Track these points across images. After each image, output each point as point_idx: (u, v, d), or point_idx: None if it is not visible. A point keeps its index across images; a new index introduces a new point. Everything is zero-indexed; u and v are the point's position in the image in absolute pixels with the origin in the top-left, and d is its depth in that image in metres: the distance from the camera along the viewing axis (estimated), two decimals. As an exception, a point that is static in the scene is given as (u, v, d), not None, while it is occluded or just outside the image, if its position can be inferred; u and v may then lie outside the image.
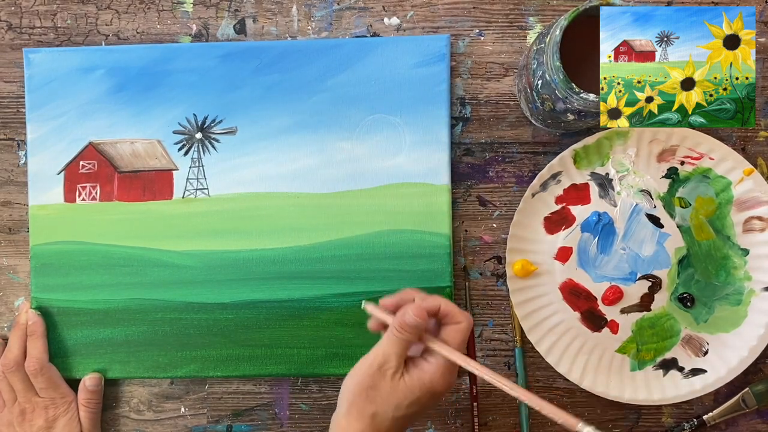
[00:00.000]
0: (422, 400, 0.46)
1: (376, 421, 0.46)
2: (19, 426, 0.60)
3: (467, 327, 0.48)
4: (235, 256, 0.61)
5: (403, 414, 0.46)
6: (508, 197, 0.62)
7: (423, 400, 0.46)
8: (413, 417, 0.47)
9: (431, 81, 0.60)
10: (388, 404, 0.46)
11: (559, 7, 0.61)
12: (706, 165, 0.59)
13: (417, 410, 0.46)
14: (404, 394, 0.46)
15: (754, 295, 0.59)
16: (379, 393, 0.46)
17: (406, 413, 0.46)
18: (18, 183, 0.63)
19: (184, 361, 0.61)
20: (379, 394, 0.46)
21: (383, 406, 0.46)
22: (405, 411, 0.46)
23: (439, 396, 0.47)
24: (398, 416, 0.46)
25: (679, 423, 0.61)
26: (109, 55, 0.62)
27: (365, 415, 0.46)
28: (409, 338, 0.47)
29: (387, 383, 0.46)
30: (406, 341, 0.47)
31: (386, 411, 0.46)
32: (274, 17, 0.62)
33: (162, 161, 0.62)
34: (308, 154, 0.61)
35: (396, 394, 0.46)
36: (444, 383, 0.47)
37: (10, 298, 0.64)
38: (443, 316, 0.49)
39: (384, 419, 0.46)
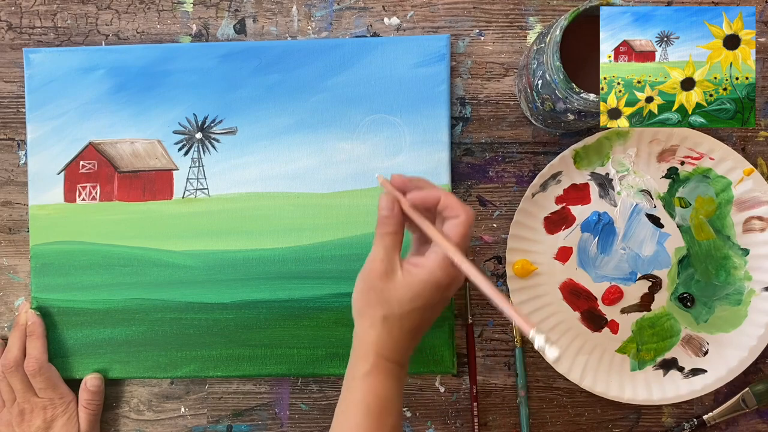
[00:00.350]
0: (425, 294, 0.45)
1: (387, 322, 0.46)
2: (17, 426, 0.60)
3: (466, 220, 0.46)
4: (235, 256, 0.61)
5: (409, 309, 0.45)
6: (508, 197, 0.62)
7: (426, 294, 0.45)
8: (423, 314, 0.46)
9: (431, 81, 0.60)
10: (392, 302, 0.46)
11: (559, 7, 0.61)
12: (706, 165, 0.59)
13: (423, 305, 0.46)
14: (405, 290, 0.45)
15: (754, 295, 0.59)
16: (381, 294, 0.46)
17: (412, 308, 0.45)
18: (18, 183, 0.63)
19: (184, 361, 0.61)
20: (381, 295, 0.46)
21: (387, 305, 0.46)
22: (410, 306, 0.45)
23: (444, 289, 0.46)
24: (404, 312, 0.45)
25: (679, 423, 0.61)
26: (109, 55, 0.62)
27: (375, 319, 0.46)
28: (388, 231, 0.47)
29: (385, 283, 0.46)
30: (388, 236, 0.47)
31: (392, 310, 0.46)
32: (274, 17, 0.62)
33: (162, 161, 0.62)
34: (308, 154, 0.61)
35: (397, 291, 0.46)
36: (445, 275, 0.45)
37: (10, 298, 0.64)
38: (443, 209, 0.47)
39: (393, 319, 0.46)
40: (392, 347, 0.47)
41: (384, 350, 0.47)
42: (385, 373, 0.46)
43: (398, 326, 0.46)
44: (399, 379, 0.47)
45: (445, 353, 0.61)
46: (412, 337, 0.47)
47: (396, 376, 0.47)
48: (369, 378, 0.46)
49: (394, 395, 0.46)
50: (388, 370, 0.46)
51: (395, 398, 0.47)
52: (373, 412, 0.45)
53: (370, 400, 0.46)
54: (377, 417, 0.45)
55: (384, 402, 0.46)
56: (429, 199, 0.47)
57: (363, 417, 0.45)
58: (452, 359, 0.61)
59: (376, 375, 0.46)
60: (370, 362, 0.46)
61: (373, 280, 0.47)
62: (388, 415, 0.46)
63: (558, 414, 0.61)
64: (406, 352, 0.48)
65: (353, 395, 0.46)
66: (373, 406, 0.46)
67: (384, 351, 0.47)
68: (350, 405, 0.46)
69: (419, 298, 0.46)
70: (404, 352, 0.48)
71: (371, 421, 0.45)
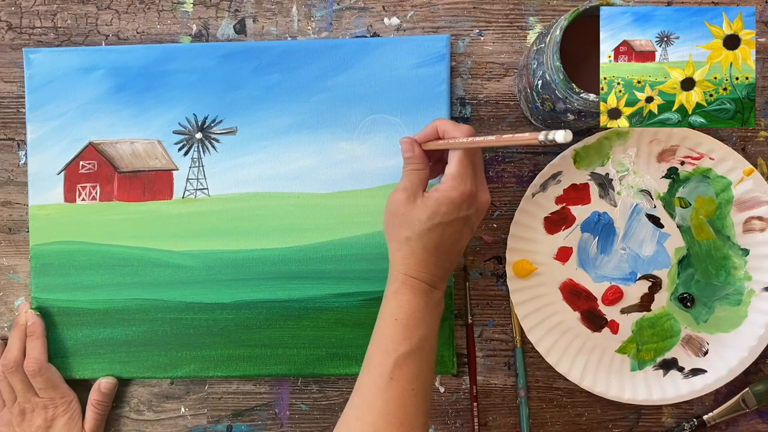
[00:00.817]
0: (441, 210, 0.50)
1: (410, 243, 0.51)
2: (18, 426, 0.60)
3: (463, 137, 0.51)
4: (235, 256, 0.61)
5: (428, 227, 0.50)
6: (508, 197, 0.62)
7: (441, 210, 0.50)
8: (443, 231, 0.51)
9: (431, 81, 0.60)
10: (413, 223, 0.51)
11: (559, 7, 0.61)
12: (706, 165, 0.59)
13: (439, 221, 0.50)
14: (422, 210, 0.50)
15: (754, 295, 0.59)
16: (404, 217, 0.51)
17: (430, 226, 0.50)
18: (18, 183, 0.63)
19: (184, 361, 0.61)
20: (404, 218, 0.51)
21: (409, 226, 0.51)
22: (428, 224, 0.50)
23: (458, 205, 0.50)
24: (424, 231, 0.50)
25: (679, 423, 0.61)
26: (109, 55, 0.62)
27: (401, 241, 0.52)
28: (413, 168, 0.53)
29: (406, 207, 0.51)
30: (412, 171, 0.53)
31: (413, 230, 0.51)
32: (274, 17, 0.62)
33: (162, 161, 0.62)
34: (308, 154, 0.61)
35: (417, 212, 0.51)
36: (456, 191, 0.50)
37: (10, 298, 0.64)
38: (442, 134, 0.52)
39: (415, 238, 0.51)
40: (416, 266, 0.51)
41: (409, 269, 0.51)
42: (412, 289, 0.51)
43: (420, 245, 0.51)
44: (427, 294, 0.51)
45: (445, 353, 0.61)
46: (436, 256, 0.51)
47: (423, 292, 0.51)
48: (397, 295, 0.51)
49: (421, 309, 0.51)
50: (414, 286, 0.51)
51: (423, 312, 0.51)
52: (401, 324, 0.50)
53: (399, 314, 0.51)
54: (405, 328, 0.50)
55: (411, 315, 0.51)
56: (429, 132, 0.53)
57: (393, 328, 0.51)
58: (452, 359, 0.61)
59: (404, 292, 0.51)
60: (399, 280, 0.51)
61: (397, 206, 0.52)
62: (416, 327, 0.50)
63: (558, 414, 0.61)
64: (433, 272, 0.52)
65: (385, 310, 0.52)
66: (402, 319, 0.51)
67: (409, 270, 0.51)
68: (382, 318, 0.52)
69: (436, 215, 0.50)
70: (430, 271, 0.51)
71: (399, 332, 0.50)
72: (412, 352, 0.50)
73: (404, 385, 0.49)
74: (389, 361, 0.50)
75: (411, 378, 0.50)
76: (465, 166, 0.51)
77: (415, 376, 0.50)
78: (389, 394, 0.49)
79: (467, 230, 0.53)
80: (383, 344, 0.51)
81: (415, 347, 0.50)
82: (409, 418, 0.49)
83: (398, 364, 0.49)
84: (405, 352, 0.50)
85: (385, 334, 0.51)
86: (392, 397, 0.49)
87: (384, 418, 0.48)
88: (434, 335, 0.52)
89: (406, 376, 0.50)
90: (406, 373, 0.50)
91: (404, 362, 0.50)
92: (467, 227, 0.52)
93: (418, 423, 0.49)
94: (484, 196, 0.53)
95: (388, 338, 0.51)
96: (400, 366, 0.50)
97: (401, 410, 0.49)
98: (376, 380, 0.50)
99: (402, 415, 0.49)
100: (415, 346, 0.50)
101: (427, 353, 0.51)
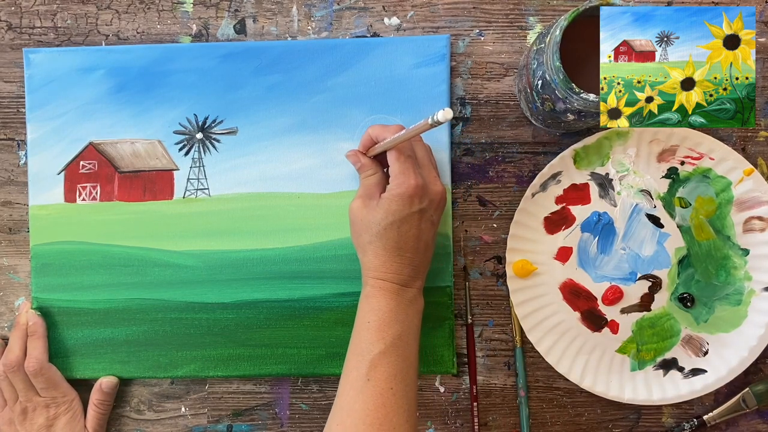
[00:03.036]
0: (393, 208, 0.52)
1: (371, 246, 0.53)
2: (20, 425, 0.60)
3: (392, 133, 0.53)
4: (235, 256, 0.61)
5: (384, 227, 0.52)
6: (508, 197, 0.62)
7: (394, 208, 0.52)
8: (399, 228, 0.52)
9: (431, 81, 0.60)
10: (369, 225, 0.53)
11: (559, 7, 0.61)
12: (706, 165, 0.59)
13: (394, 219, 0.52)
14: (376, 212, 0.52)
15: (754, 295, 0.59)
16: (362, 221, 0.53)
17: (386, 224, 0.52)
18: (18, 183, 0.63)
19: (185, 360, 0.61)
20: (362, 222, 0.53)
21: (367, 229, 0.53)
22: (384, 223, 0.52)
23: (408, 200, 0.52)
24: (381, 231, 0.52)
25: (679, 423, 0.61)
26: (109, 55, 0.62)
27: (363, 245, 0.53)
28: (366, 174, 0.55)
29: (363, 211, 0.53)
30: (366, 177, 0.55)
31: (370, 232, 0.52)
32: (274, 17, 0.62)
33: (162, 161, 0.62)
34: (309, 155, 0.61)
35: (371, 214, 0.53)
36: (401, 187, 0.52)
37: (11, 298, 0.64)
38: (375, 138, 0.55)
39: (375, 241, 0.52)
40: (381, 267, 0.52)
41: (375, 272, 0.53)
42: (381, 291, 0.52)
43: (381, 246, 0.52)
44: (398, 294, 0.52)
45: (445, 353, 0.61)
46: (399, 255, 0.52)
47: (393, 292, 0.52)
48: (368, 299, 0.53)
49: (393, 309, 0.52)
50: (383, 288, 0.52)
51: (395, 311, 0.52)
52: (374, 325, 0.51)
53: (371, 317, 0.52)
54: (377, 329, 0.51)
55: (383, 316, 0.52)
56: (365, 140, 0.56)
57: (366, 332, 0.52)
58: (452, 359, 0.61)
59: (374, 294, 0.52)
60: (369, 285, 0.53)
61: (355, 214, 0.54)
62: (388, 327, 0.51)
63: (558, 414, 0.61)
64: (400, 270, 0.53)
65: (358, 315, 0.53)
66: (374, 321, 0.52)
67: (375, 273, 0.53)
68: (356, 324, 0.53)
69: (388, 214, 0.52)
70: (396, 270, 0.53)
71: (372, 333, 0.51)
72: (386, 351, 0.50)
73: (382, 384, 0.50)
74: (364, 363, 0.50)
75: (388, 377, 0.50)
76: (402, 162, 0.52)
77: (392, 375, 0.50)
78: (367, 395, 0.49)
79: (426, 224, 0.53)
80: (358, 348, 0.51)
81: (389, 346, 0.51)
82: (390, 417, 0.49)
83: (373, 365, 0.50)
84: (379, 352, 0.50)
85: (360, 338, 0.52)
86: (370, 397, 0.49)
87: (363, 420, 0.49)
88: (411, 333, 0.53)
89: (383, 376, 0.50)
90: (382, 373, 0.50)
91: (379, 362, 0.50)
92: (425, 221, 0.53)
93: (399, 422, 0.49)
94: (436, 187, 0.53)
95: (362, 341, 0.51)
96: (375, 367, 0.50)
97: (380, 410, 0.49)
98: (354, 383, 0.50)
99: (382, 415, 0.49)
100: (389, 344, 0.51)
101: (404, 351, 0.51)
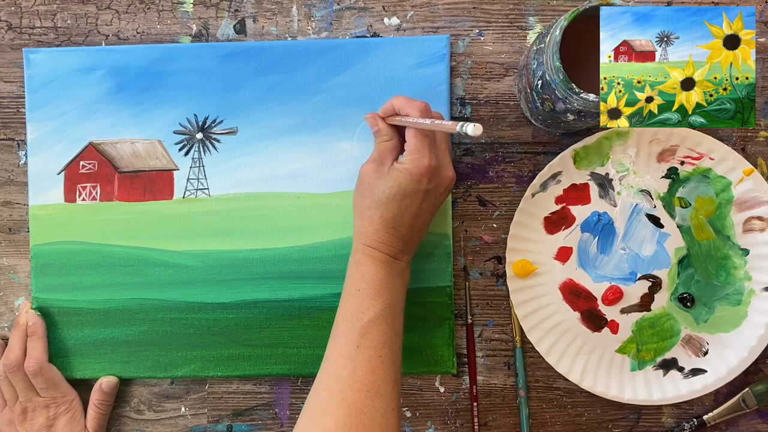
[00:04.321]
0: (399, 182, 0.52)
1: (369, 212, 0.53)
2: (20, 425, 0.60)
3: (415, 114, 0.52)
4: (235, 256, 0.61)
5: (386, 197, 0.52)
6: (508, 197, 0.62)
7: (400, 182, 0.51)
8: (400, 203, 0.52)
9: (431, 81, 0.60)
10: (375, 192, 0.52)
11: (559, 7, 0.61)
12: (706, 165, 0.59)
13: (397, 192, 0.52)
14: (385, 180, 0.52)
15: (754, 295, 0.59)
16: (368, 185, 0.53)
17: (389, 196, 0.52)
18: (18, 183, 0.63)
19: (185, 360, 0.61)
20: (368, 186, 0.53)
21: (371, 194, 0.53)
22: (387, 193, 0.52)
23: (417, 178, 0.51)
24: (383, 201, 0.52)
25: (679, 423, 0.61)
26: (109, 55, 0.62)
27: (362, 209, 0.53)
28: (381, 139, 0.55)
29: (372, 175, 0.53)
30: (382, 143, 0.54)
31: (373, 198, 0.52)
32: (274, 17, 0.62)
33: (162, 161, 0.62)
34: (309, 155, 0.61)
35: (380, 181, 0.52)
36: (414, 164, 0.51)
37: (11, 298, 0.64)
38: (398, 110, 0.54)
39: (374, 207, 0.52)
40: (373, 235, 0.53)
41: (367, 239, 0.53)
42: (372, 259, 0.52)
43: (378, 214, 0.52)
44: (388, 264, 0.53)
45: (445, 353, 0.61)
46: (393, 227, 0.52)
47: (384, 262, 0.53)
48: (359, 266, 0.53)
49: (383, 278, 0.52)
50: (374, 256, 0.53)
51: (385, 280, 0.52)
52: (364, 293, 0.52)
53: (361, 285, 0.52)
54: (368, 297, 0.52)
55: (374, 284, 0.52)
56: (387, 107, 0.55)
57: (356, 298, 0.52)
58: (452, 359, 0.61)
59: (364, 262, 0.53)
60: (359, 251, 0.53)
61: (364, 176, 0.54)
62: (379, 295, 0.52)
63: (558, 414, 0.61)
64: (391, 243, 0.53)
65: (348, 281, 0.53)
66: (364, 288, 0.52)
67: (367, 240, 0.53)
68: (346, 290, 0.53)
69: (395, 185, 0.52)
70: (387, 242, 0.53)
71: (363, 301, 0.52)
72: (376, 319, 0.51)
73: (371, 352, 0.50)
74: (355, 330, 0.51)
75: (377, 345, 0.50)
76: (420, 140, 0.52)
77: (382, 342, 0.51)
78: (356, 362, 0.50)
79: (427, 204, 0.53)
80: (348, 314, 0.52)
81: (379, 314, 0.51)
82: (378, 384, 0.49)
83: (363, 332, 0.50)
84: (369, 319, 0.51)
85: (350, 304, 0.52)
86: (359, 364, 0.50)
87: (351, 385, 0.49)
88: (399, 302, 0.53)
89: (373, 343, 0.50)
90: (372, 341, 0.50)
91: (369, 329, 0.51)
92: (427, 201, 0.53)
93: (387, 389, 0.50)
94: (448, 172, 0.54)
95: (352, 308, 0.52)
96: (365, 334, 0.50)
97: (369, 377, 0.49)
98: (342, 349, 0.50)
99: (370, 381, 0.49)
100: (379, 312, 0.51)
101: (392, 319, 0.52)
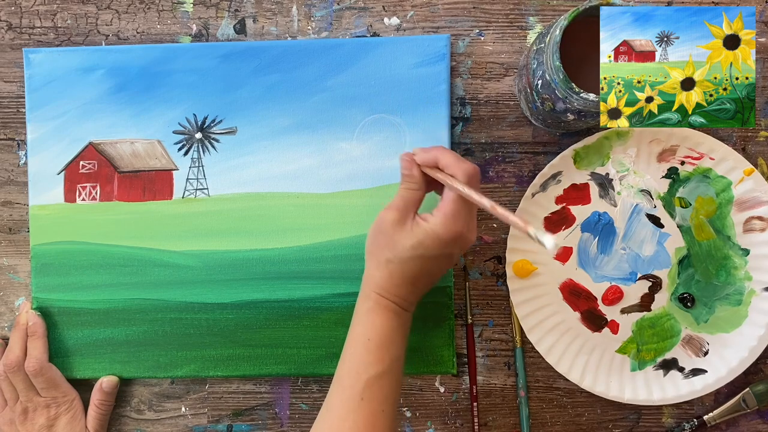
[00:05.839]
0: (426, 243, 0.49)
1: (390, 265, 0.51)
2: (20, 425, 0.60)
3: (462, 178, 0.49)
4: (235, 256, 0.61)
5: (410, 256, 0.50)
6: (508, 197, 0.62)
7: (427, 243, 0.49)
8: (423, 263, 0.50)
9: (431, 81, 0.60)
10: (396, 247, 0.50)
11: (559, 7, 0.61)
12: (707, 165, 0.59)
13: (422, 253, 0.50)
14: (409, 237, 0.50)
15: (755, 295, 0.59)
16: (389, 238, 0.50)
17: (413, 255, 0.50)
18: (18, 183, 0.63)
19: (185, 360, 0.61)
20: (389, 239, 0.50)
21: (392, 249, 0.50)
22: (411, 252, 0.50)
23: (444, 244, 0.50)
24: (406, 258, 0.50)
25: (680, 423, 0.61)
26: (109, 55, 0.62)
27: (381, 261, 0.51)
28: (409, 187, 0.52)
29: (394, 229, 0.50)
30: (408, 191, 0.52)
31: (395, 253, 0.50)
32: (274, 17, 0.62)
33: (162, 161, 0.62)
34: (308, 154, 0.61)
35: (403, 237, 0.50)
36: (445, 230, 0.49)
37: (11, 298, 0.64)
38: (443, 167, 0.51)
39: (396, 262, 0.50)
40: (391, 289, 0.51)
41: (384, 291, 0.51)
42: (385, 310, 0.51)
43: (399, 270, 0.51)
44: (399, 316, 0.51)
45: (445, 353, 0.61)
46: (412, 284, 0.51)
47: (396, 314, 0.51)
48: (370, 314, 0.51)
49: (394, 330, 0.51)
50: (388, 308, 0.51)
51: (395, 333, 0.51)
52: (374, 344, 0.50)
53: (371, 335, 0.51)
54: (378, 349, 0.50)
55: (384, 336, 0.51)
56: (429, 159, 0.51)
57: (364, 348, 0.51)
58: (452, 359, 0.61)
59: (377, 312, 0.51)
60: (372, 300, 0.51)
61: (385, 225, 0.51)
62: (387, 349, 0.51)
63: (558, 414, 0.61)
64: (407, 297, 0.52)
65: (357, 328, 0.52)
66: (374, 339, 0.51)
67: (384, 292, 0.51)
68: (353, 337, 0.52)
69: (420, 246, 0.50)
70: (404, 296, 0.52)
71: (372, 353, 0.50)
72: (384, 373, 0.50)
73: (375, 406, 0.49)
74: (360, 382, 0.49)
75: (381, 399, 0.50)
76: (460, 206, 0.50)
77: (385, 397, 0.50)
78: (359, 414, 0.49)
79: (447, 263, 0.52)
80: (355, 364, 0.50)
81: (386, 369, 0.50)
82: None
83: (369, 385, 0.49)
84: (376, 373, 0.50)
85: (357, 354, 0.51)
86: (362, 417, 0.49)
87: None
88: (404, 353, 0.52)
89: (378, 398, 0.50)
90: (377, 395, 0.50)
91: (375, 383, 0.50)
92: (449, 261, 0.52)
93: None
94: (471, 236, 0.52)
95: (359, 358, 0.50)
96: (371, 387, 0.49)
97: (370, 431, 0.49)
98: (346, 402, 0.49)
99: None
100: (386, 367, 0.50)
101: (397, 374, 0.51)
